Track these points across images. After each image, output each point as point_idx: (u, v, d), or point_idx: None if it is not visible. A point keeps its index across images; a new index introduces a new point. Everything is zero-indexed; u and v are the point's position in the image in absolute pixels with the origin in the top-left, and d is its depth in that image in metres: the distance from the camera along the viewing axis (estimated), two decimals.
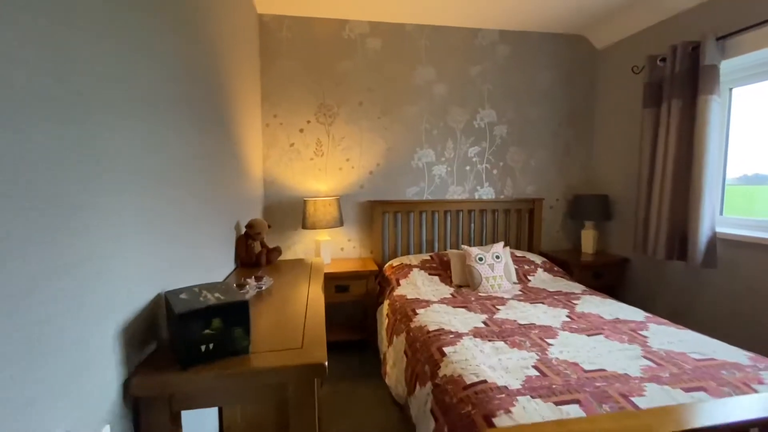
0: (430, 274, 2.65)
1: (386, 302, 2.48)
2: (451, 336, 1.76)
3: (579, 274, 2.92)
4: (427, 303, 2.23)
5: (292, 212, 2.92)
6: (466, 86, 3.08)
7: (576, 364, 1.50)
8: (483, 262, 2.51)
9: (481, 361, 1.53)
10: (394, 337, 2.10)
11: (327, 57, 2.88)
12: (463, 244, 3.09)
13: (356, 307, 2.95)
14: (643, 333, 1.80)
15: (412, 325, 1.98)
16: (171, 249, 1.15)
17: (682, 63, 2.39)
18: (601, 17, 2.95)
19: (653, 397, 1.27)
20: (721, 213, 2.52)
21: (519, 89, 3.17)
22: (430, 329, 1.86)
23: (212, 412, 1.63)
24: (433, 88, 3.03)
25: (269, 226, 2.06)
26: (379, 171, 3.02)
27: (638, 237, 2.74)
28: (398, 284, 2.56)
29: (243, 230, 2.01)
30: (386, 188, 3.04)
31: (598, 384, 1.35)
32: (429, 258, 2.81)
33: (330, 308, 2.90)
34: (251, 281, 1.50)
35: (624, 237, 3.05)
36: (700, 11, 2.41)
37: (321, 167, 2.94)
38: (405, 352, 1.89)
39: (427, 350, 1.70)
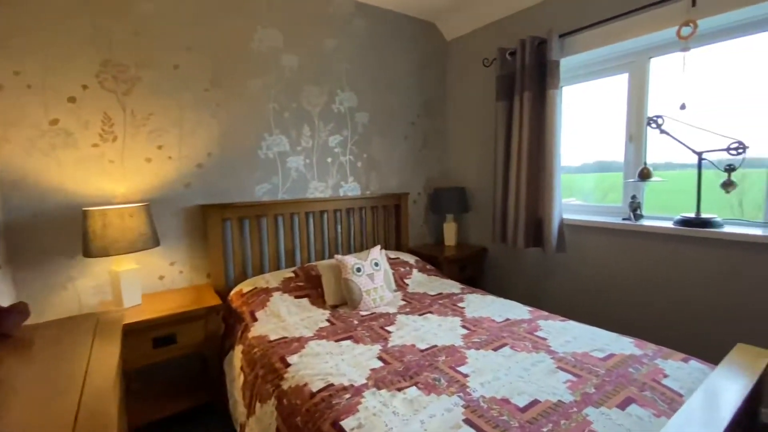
0: (296, 296, 2.05)
1: (238, 348, 1.76)
2: (347, 396, 1.24)
3: (447, 268, 2.82)
4: (301, 342, 1.64)
5: (61, 231, 1.82)
6: (322, 62, 2.56)
7: (507, 401, 1.20)
8: (361, 273, 2.06)
9: None
10: (257, 404, 1.44)
11: None
12: (329, 249, 2.59)
13: (191, 360, 2.09)
14: (540, 334, 1.68)
15: (285, 385, 1.37)
16: None
17: (530, 57, 2.45)
18: (450, 7, 2.87)
19: (603, 429, 1.05)
20: None
21: (378, 72, 2.83)
22: (315, 389, 1.29)
23: None
24: (281, 59, 2.39)
25: None
26: (212, 163, 2.20)
27: (497, 227, 2.79)
28: (254, 319, 1.86)
29: None
30: (226, 186, 2.25)
31: (544, 430, 1.07)
32: (292, 275, 2.19)
33: (147, 372, 1.95)
34: None
35: (482, 227, 3.11)
36: (545, 8, 2.51)
37: (113, 157, 1.94)
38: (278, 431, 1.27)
39: (316, 430, 1.13)
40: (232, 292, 2.10)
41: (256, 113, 2.32)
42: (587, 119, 2.62)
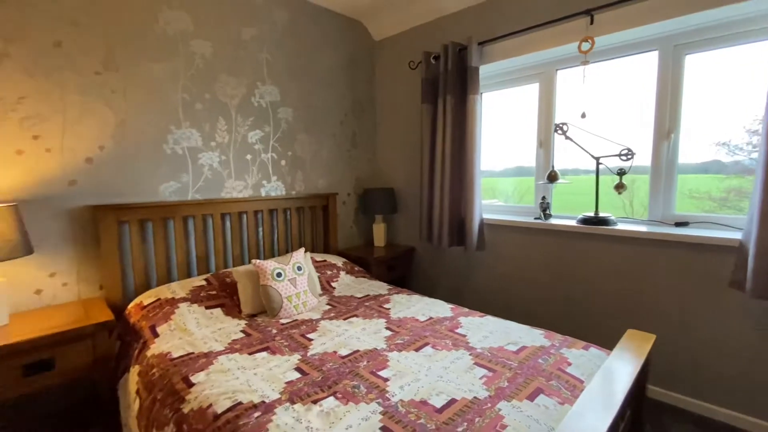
0: (207, 307, 1.86)
1: (135, 369, 1.54)
2: (257, 415, 1.13)
3: (376, 269, 2.80)
4: (209, 357, 1.48)
5: None
6: (239, 52, 2.37)
7: (425, 403, 1.18)
8: (282, 277, 1.94)
9: None
10: None
11: None
12: (249, 254, 2.41)
13: (78, 388, 1.79)
14: (460, 332, 1.71)
15: (186, 408, 1.21)
16: None
17: (452, 62, 2.52)
18: (374, 7, 2.86)
19: (517, 426, 1.08)
20: None
21: (303, 67, 2.72)
22: (219, 410, 1.16)
23: None
24: (191, 44, 2.16)
25: None
26: (105, 158, 1.92)
27: (423, 227, 2.83)
28: (155, 335, 1.65)
29: None
30: (123, 184, 1.98)
31: (459, 429, 1.06)
32: (204, 283, 1.99)
33: (20, 406, 1.62)
34: None
35: (410, 227, 3.14)
36: (465, 16, 2.59)
37: None
38: None
39: None
40: (131, 305, 1.84)
41: (162, 103, 2.08)
42: (507, 125, 2.77)
